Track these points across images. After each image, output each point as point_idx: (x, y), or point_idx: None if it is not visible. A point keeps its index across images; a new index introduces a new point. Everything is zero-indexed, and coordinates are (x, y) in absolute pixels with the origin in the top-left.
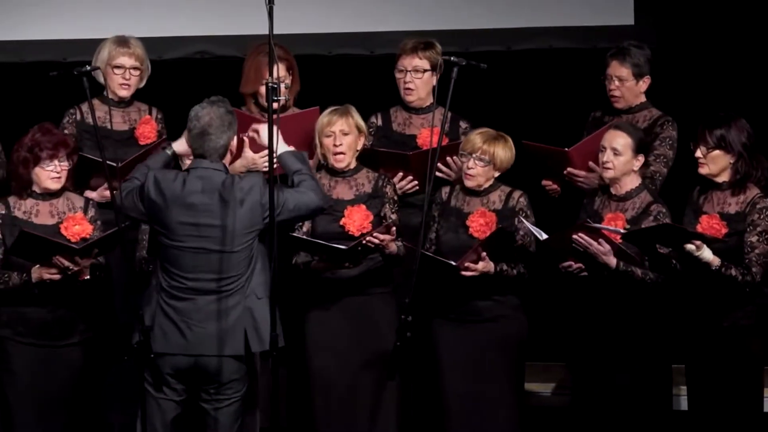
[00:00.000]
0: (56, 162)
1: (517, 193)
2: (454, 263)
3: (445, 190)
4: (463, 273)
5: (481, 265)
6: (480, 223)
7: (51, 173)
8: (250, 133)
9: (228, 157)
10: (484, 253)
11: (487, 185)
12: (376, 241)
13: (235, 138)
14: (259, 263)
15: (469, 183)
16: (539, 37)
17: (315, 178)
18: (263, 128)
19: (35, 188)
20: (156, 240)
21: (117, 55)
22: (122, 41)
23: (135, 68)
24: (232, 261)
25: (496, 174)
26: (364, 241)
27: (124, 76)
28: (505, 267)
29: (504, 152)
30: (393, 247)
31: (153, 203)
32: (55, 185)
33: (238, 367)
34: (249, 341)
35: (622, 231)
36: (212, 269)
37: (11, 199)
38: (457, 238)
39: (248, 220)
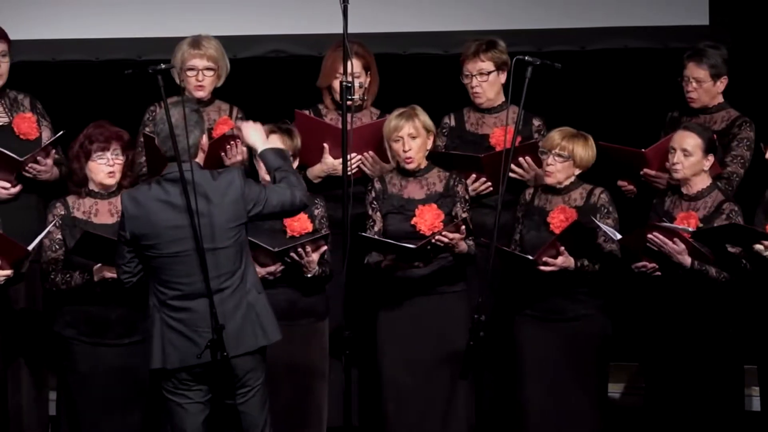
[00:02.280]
0: (108, 155)
1: (598, 190)
2: (531, 258)
3: (529, 191)
4: (541, 268)
5: (560, 260)
6: (560, 219)
7: (104, 167)
8: (235, 131)
9: (201, 155)
10: (562, 248)
11: (567, 182)
12: (446, 240)
13: (205, 136)
14: (250, 257)
15: (548, 180)
16: (614, 37)
17: (297, 175)
18: (246, 126)
19: (92, 186)
20: (145, 261)
21: (189, 57)
22: (195, 42)
23: (208, 69)
24: (223, 257)
25: (577, 171)
26: (433, 240)
27: (197, 77)
28: (586, 263)
29: (584, 150)
30: (463, 245)
31: (135, 219)
32: (108, 180)
33: (252, 359)
34: (256, 338)
35: (690, 230)
36: (207, 268)
37: (70, 199)
38: (539, 236)
39: (232, 213)
